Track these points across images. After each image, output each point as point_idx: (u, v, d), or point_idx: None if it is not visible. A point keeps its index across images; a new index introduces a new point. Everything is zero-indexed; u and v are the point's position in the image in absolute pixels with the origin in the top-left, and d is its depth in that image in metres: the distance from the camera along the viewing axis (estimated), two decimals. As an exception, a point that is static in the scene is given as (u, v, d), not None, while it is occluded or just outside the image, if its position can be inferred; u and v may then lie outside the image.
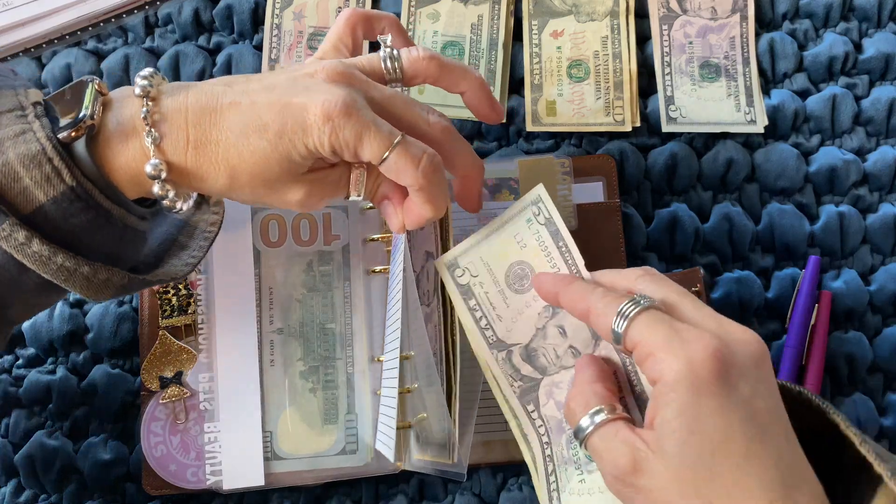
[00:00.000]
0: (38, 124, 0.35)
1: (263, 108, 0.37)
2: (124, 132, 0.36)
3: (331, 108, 0.36)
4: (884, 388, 0.55)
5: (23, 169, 0.34)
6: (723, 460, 0.30)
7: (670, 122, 0.57)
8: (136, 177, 0.37)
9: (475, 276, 0.42)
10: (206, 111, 0.37)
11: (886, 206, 0.57)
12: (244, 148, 0.37)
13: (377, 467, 0.50)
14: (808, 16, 0.59)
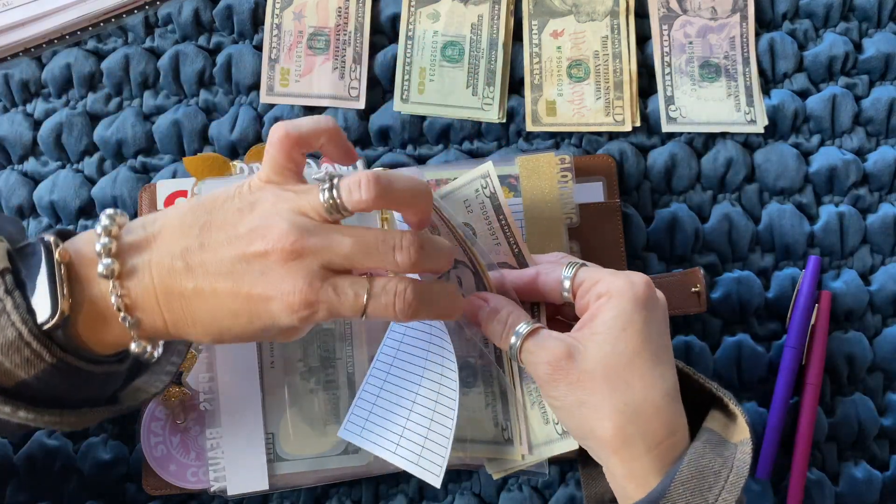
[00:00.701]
0: (10, 303, 0.35)
1: (227, 298, 0.37)
2: (101, 316, 0.37)
3: (293, 301, 0.36)
4: (884, 388, 0.55)
5: (2, 356, 0.34)
6: (640, 355, 0.39)
7: (670, 121, 0.57)
8: (119, 346, 0.38)
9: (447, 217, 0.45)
10: (174, 296, 0.37)
11: (886, 206, 0.57)
12: (222, 326, 0.38)
13: (378, 467, 0.50)
14: (808, 16, 0.59)
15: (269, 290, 0.36)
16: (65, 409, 0.37)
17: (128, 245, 0.38)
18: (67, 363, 0.36)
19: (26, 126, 0.57)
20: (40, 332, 0.35)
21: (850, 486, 0.53)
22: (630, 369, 0.39)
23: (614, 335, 0.39)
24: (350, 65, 0.58)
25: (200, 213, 0.38)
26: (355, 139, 0.57)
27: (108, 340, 0.38)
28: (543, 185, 0.52)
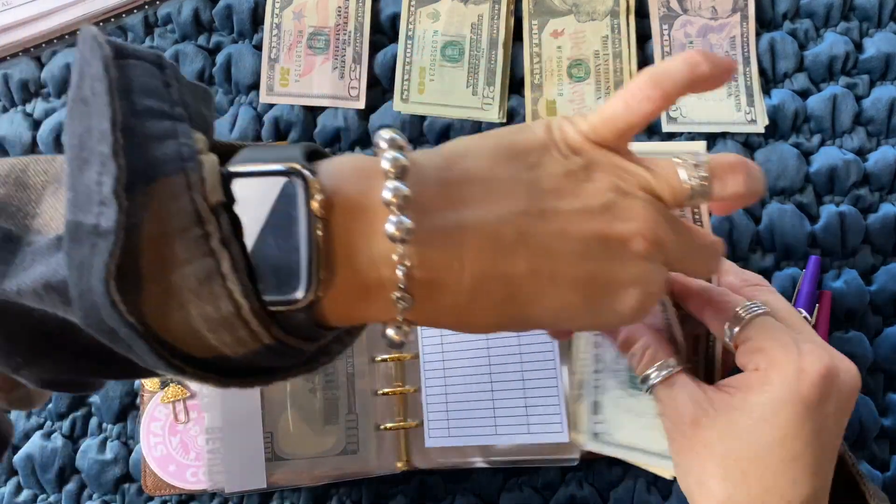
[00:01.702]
0: (228, 264, 0.24)
1: (570, 285, 0.29)
2: (361, 290, 0.27)
3: (652, 295, 0.30)
4: (884, 389, 0.55)
5: (209, 331, 0.25)
6: (774, 453, 0.33)
7: (670, 121, 0.57)
8: (361, 321, 0.29)
9: None
10: (493, 277, 0.28)
11: (887, 206, 0.57)
12: (542, 316, 0.30)
13: (378, 467, 0.50)
14: (808, 15, 0.59)
15: (632, 280, 0.30)
16: (258, 377, 0.27)
17: (430, 194, 0.27)
18: (286, 344, 0.26)
19: (26, 126, 0.57)
20: (266, 312, 0.25)
21: (851, 487, 0.53)
22: (755, 463, 0.33)
23: (752, 422, 0.33)
24: (350, 64, 0.58)
25: (518, 167, 0.29)
26: (355, 139, 0.57)
27: (352, 316, 0.28)
28: None
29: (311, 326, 0.27)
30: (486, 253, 0.27)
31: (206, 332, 0.24)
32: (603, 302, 0.30)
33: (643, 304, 0.30)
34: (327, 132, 0.57)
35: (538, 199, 0.29)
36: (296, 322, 0.26)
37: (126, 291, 0.23)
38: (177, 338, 0.24)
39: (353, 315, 0.28)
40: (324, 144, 0.57)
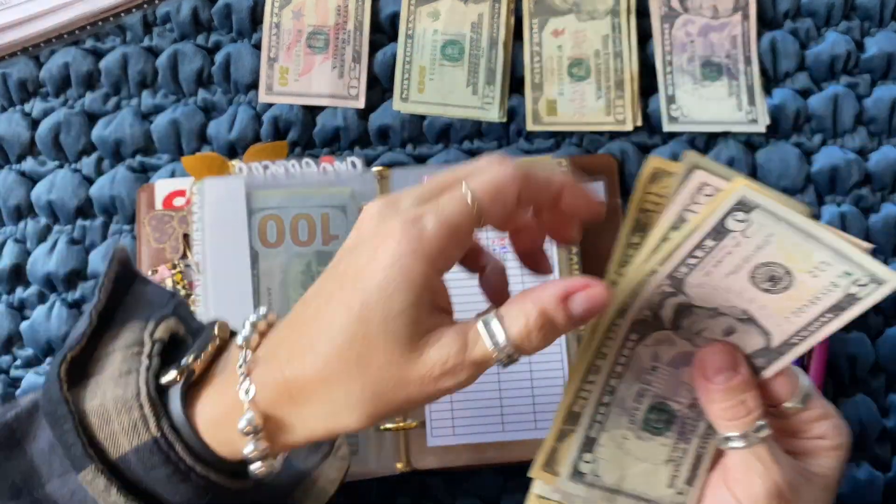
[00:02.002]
0: (144, 365, 0.33)
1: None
2: (222, 382, 0.33)
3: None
4: (886, 389, 0.55)
5: (115, 412, 0.32)
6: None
7: (671, 121, 0.57)
8: (226, 431, 0.32)
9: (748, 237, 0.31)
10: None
11: (888, 206, 0.56)
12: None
13: (378, 468, 0.49)
14: (809, 14, 0.59)
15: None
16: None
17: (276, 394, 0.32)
18: (168, 443, 0.31)
19: (24, 125, 0.57)
20: (157, 396, 0.32)
21: (852, 488, 0.53)
22: None
23: (831, 488, 0.35)
24: (349, 63, 0.58)
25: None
26: (355, 138, 0.57)
27: (211, 415, 0.33)
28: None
29: (188, 429, 0.32)
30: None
31: (114, 413, 0.31)
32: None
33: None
34: (327, 131, 0.57)
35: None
36: (177, 417, 0.32)
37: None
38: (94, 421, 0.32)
39: (212, 413, 0.33)
40: (323, 144, 0.57)
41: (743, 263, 0.31)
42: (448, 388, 0.31)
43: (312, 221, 0.52)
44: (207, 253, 0.50)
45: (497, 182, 0.31)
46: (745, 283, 0.31)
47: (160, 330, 0.34)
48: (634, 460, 0.36)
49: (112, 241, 0.55)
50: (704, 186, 0.31)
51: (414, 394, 0.31)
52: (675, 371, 0.35)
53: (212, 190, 0.51)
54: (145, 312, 0.35)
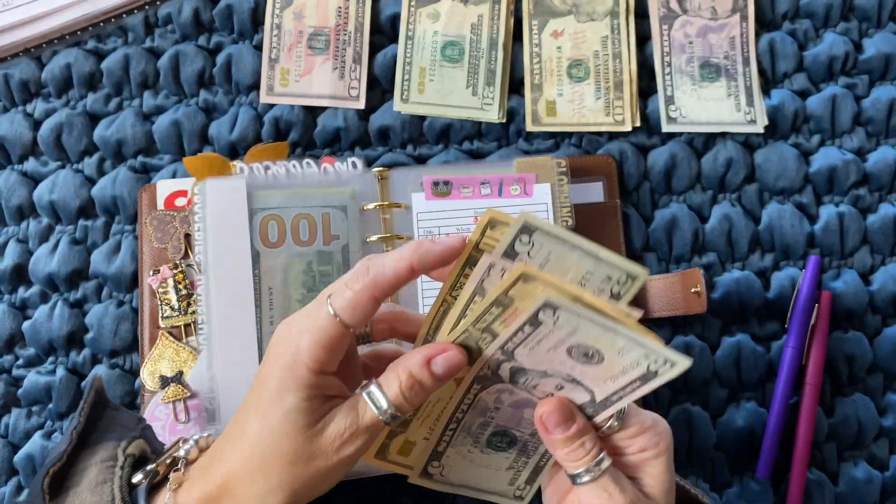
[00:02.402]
0: (118, 475, 0.38)
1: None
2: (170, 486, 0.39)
3: None
4: (884, 389, 0.55)
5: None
6: None
7: (670, 121, 0.57)
8: None
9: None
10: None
11: (886, 206, 0.57)
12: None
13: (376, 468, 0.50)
14: (808, 16, 0.59)
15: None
16: None
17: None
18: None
19: (26, 126, 0.57)
20: (129, 497, 0.37)
21: (850, 486, 0.53)
22: None
23: (667, 484, 0.39)
24: (350, 65, 0.58)
25: None
26: (355, 139, 0.57)
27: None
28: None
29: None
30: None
31: None
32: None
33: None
34: (327, 132, 0.57)
35: None
36: None
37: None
38: None
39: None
40: (324, 144, 0.57)
41: (559, 344, 0.35)
42: (351, 455, 0.37)
43: (313, 221, 0.52)
44: (209, 253, 0.51)
45: (353, 299, 0.37)
46: (565, 357, 0.36)
47: (132, 447, 0.40)
48: (477, 466, 0.42)
49: (113, 241, 0.55)
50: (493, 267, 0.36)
51: (322, 467, 0.37)
52: (517, 411, 0.40)
53: (214, 190, 0.51)
54: (118, 433, 0.41)
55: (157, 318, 0.52)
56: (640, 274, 0.35)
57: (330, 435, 0.37)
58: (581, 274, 0.36)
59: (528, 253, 0.36)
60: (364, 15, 0.59)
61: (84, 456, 0.39)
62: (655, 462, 0.39)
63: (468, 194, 0.53)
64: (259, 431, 0.37)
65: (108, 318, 0.54)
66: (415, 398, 0.37)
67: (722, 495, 0.53)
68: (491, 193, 0.53)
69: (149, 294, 0.53)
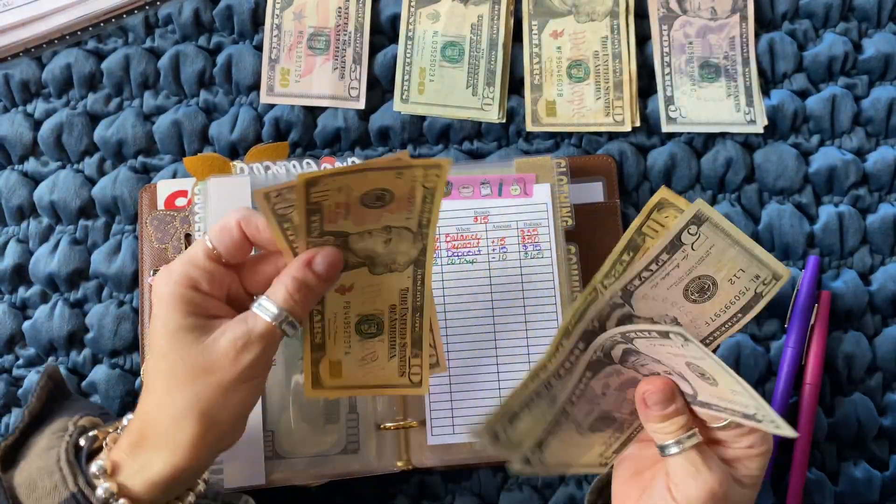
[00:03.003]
0: (65, 441, 0.39)
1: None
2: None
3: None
4: (883, 388, 0.55)
5: (38, 479, 0.37)
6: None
7: (670, 122, 0.57)
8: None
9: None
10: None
11: (886, 206, 0.57)
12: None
13: (378, 467, 0.50)
14: (807, 16, 0.59)
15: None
16: None
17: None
18: (85, 496, 0.37)
19: (26, 126, 0.57)
20: (75, 459, 0.38)
21: (850, 486, 0.53)
22: None
23: (756, 487, 0.40)
24: (350, 65, 0.58)
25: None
26: (355, 139, 0.57)
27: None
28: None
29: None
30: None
31: (38, 479, 0.37)
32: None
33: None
34: (327, 132, 0.57)
35: None
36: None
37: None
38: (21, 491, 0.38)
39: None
40: (324, 145, 0.57)
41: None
42: (252, 363, 0.37)
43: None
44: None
45: (222, 224, 0.39)
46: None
47: (84, 420, 0.41)
48: (573, 447, 0.43)
49: (114, 241, 0.55)
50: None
51: (223, 380, 0.37)
52: (622, 393, 0.42)
53: (216, 189, 0.51)
54: (73, 412, 0.42)
55: (157, 317, 0.52)
56: (784, 274, 0.38)
57: (223, 346, 0.37)
58: (734, 271, 0.37)
59: (692, 245, 0.37)
60: (364, 15, 0.59)
61: (37, 434, 0.41)
62: (757, 458, 0.39)
63: (468, 194, 0.53)
64: (155, 362, 0.38)
65: (108, 318, 0.54)
66: (304, 300, 0.38)
67: (722, 495, 0.53)
68: (491, 193, 0.53)
69: (149, 294, 0.53)
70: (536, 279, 0.51)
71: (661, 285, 0.38)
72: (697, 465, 0.38)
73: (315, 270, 0.38)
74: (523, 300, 0.51)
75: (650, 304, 0.39)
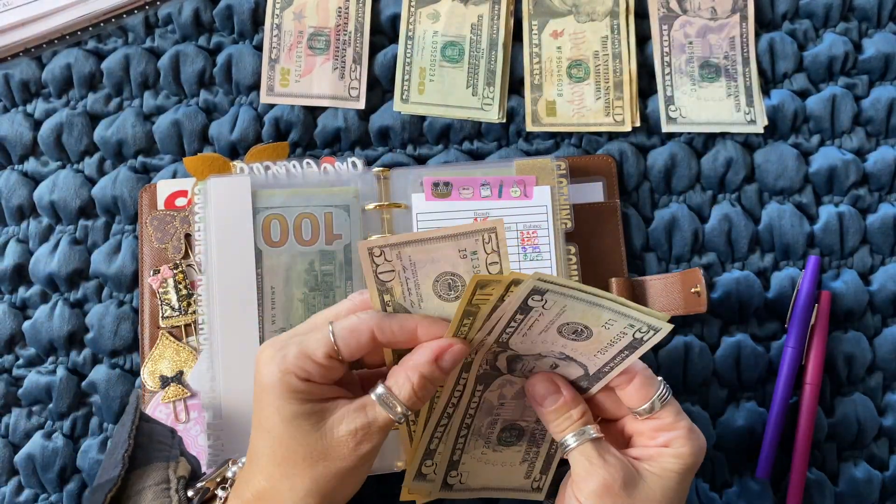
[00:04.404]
0: (175, 499, 0.39)
1: None
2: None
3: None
4: (883, 388, 0.55)
5: None
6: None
7: (670, 122, 0.57)
8: None
9: (546, 309, 0.38)
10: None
11: (886, 206, 0.57)
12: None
13: (378, 466, 0.50)
14: (807, 16, 0.59)
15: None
16: None
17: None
18: None
19: (26, 126, 0.57)
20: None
21: (850, 486, 0.53)
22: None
23: (668, 488, 0.39)
24: (350, 65, 0.58)
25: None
26: (355, 139, 0.57)
27: None
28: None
29: None
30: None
31: None
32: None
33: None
34: (327, 132, 0.57)
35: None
36: None
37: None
38: None
39: None
40: (324, 145, 0.57)
41: (550, 325, 0.37)
42: (369, 453, 0.38)
43: (316, 221, 0.52)
44: (211, 252, 0.51)
45: (353, 326, 0.38)
46: (556, 336, 0.38)
47: (181, 469, 0.41)
48: (493, 465, 0.44)
49: (114, 241, 0.55)
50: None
51: (343, 467, 0.37)
52: (520, 401, 0.42)
53: (216, 189, 0.51)
54: (161, 452, 0.42)
55: (157, 318, 0.52)
56: (663, 327, 0.36)
57: (342, 435, 0.37)
58: (603, 321, 0.37)
59: (542, 307, 0.37)
60: (364, 15, 0.59)
61: (134, 479, 0.40)
62: (674, 460, 0.39)
63: (468, 195, 0.53)
64: (271, 447, 0.38)
65: (108, 318, 0.54)
66: (426, 395, 0.38)
67: (722, 495, 0.53)
68: (491, 195, 0.53)
69: (149, 294, 0.53)
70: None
71: (532, 332, 0.38)
72: (592, 458, 0.39)
73: (441, 366, 0.38)
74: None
75: (531, 346, 0.39)
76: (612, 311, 0.36)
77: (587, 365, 0.40)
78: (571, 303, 0.36)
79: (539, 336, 0.38)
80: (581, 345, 0.38)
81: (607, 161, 0.56)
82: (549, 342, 0.39)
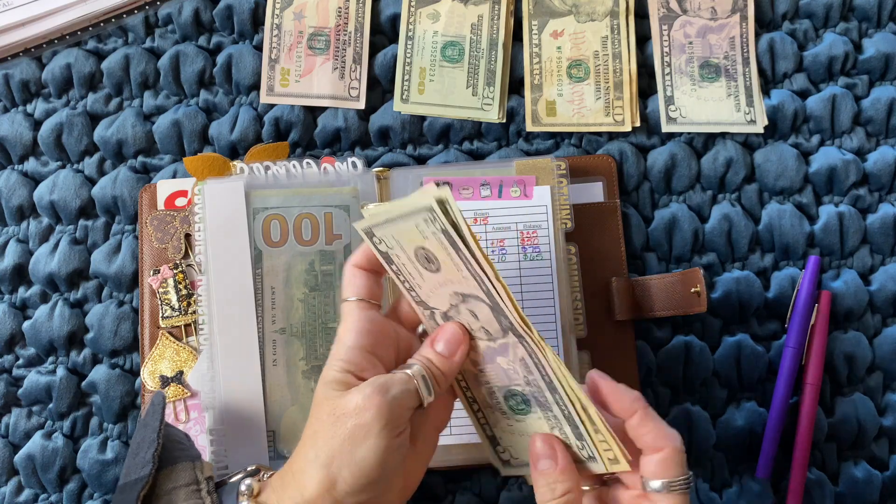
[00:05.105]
0: (208, 500, 0.40)
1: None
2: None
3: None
4: (883, 388, 0.55)
5: None
6: None
7: (670, 122, 0.57)
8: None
9: (391, 247, 0.40)
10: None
11: (886, 206, 0.57)
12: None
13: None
14: (807, 16, 0.59)
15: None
16: None
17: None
18: None
19: (26, 126, 0.57)
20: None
21: (850, 486, 0.53)
22: None
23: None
24: (350, 65, 0.58)
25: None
26: (355, 139, 0.57)
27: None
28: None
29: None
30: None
31: None
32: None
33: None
34: (327, 132, 0.57)
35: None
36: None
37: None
38: None
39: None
40: (324, 145, 0.57)
41: (409, 262, 0.40)
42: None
43: (316, 221, 0.52)
44: (210, 252, 0.51)
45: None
46: (430, 276, 0.40)
47: (206, 469, 0.42)
48: (527, 437, 0.43)
49: (114, 241, 0.55)
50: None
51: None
52: (494, 364, 0.42)
53: (212, 192, 0.51)
54: (183, 452, 0.43)
55: (157, 318, 0.52)
56: (430, 199, 0.36)
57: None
58: (416, 232, 0.38)
59: (387, 246, 0.40)
60: (364, 15, 0.59)
61: (162, 479, 0.41)
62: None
63: (468, 195, 0.53)
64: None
65: (108, 317, 0.54)
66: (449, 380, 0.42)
67: (722, 495, 0.53)
68: (491, 195, 0.53)
69: (149, 294, 0.53)
70: (536, 281, 0.51)
71: (425, 282, 0.40)
72: None
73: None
74: (522, 302, 0.51)
75: (435, 296, 0.41)
76: (401, 214, 0.37)
77: (480, 295, 0.39)
78: (390, 228, 0.38)
79: (427, 281, 0.40)
80: (446, 273, 0.39)
81: (607, 161, 0.56)
82: (436, 283, 0.40)
